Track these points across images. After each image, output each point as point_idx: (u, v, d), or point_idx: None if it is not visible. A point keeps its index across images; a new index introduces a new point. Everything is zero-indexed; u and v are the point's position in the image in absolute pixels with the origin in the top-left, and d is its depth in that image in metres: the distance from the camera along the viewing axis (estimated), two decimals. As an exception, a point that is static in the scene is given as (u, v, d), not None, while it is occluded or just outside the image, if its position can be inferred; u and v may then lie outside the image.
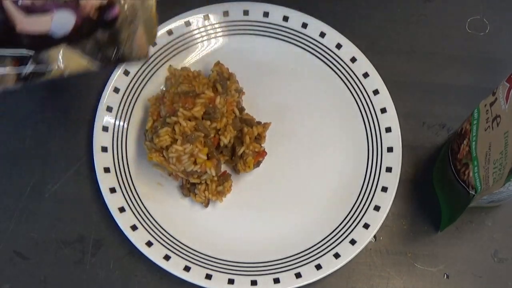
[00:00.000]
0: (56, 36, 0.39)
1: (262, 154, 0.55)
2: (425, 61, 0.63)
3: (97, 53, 0.40)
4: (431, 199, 0.57)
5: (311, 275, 0.52)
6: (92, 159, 0.56)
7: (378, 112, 0.58)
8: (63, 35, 0.39)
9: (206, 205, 0.55)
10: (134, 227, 0.53)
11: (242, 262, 0.53)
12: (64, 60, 0.40)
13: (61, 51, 0.39)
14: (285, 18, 0.62)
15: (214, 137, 0.54)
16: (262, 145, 0.56)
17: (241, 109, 0.57)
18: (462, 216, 0.51)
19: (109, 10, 0.39)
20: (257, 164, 0.56)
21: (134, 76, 0.58)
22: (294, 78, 0.61)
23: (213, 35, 0.62)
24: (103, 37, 0.40)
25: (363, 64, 0.60)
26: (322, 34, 0.61)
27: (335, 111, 0.59)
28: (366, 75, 0.60)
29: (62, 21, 0.38)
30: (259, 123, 0.57)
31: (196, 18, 0.61)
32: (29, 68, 0.39)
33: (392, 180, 0.55)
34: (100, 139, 0.56)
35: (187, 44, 0.61)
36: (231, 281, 0.52)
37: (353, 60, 0.60)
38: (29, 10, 0.38)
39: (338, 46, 0.61)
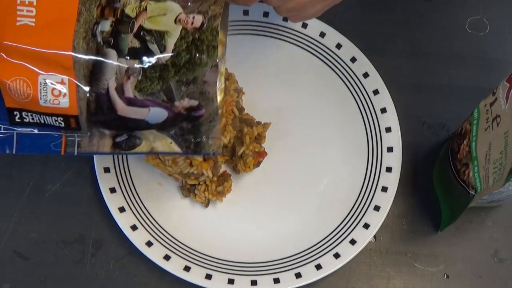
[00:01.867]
0: (149, 123, 0.45)
1: (262, 154, 0.55)
2: (425, 61, 0.63)
3: (180, 137, 0.47)
4: (431, 199, 0.57)
5: (311, 275, 0.52)
6: (92, 159, 0.56)
7: (378, 112, 0.58)
8: (155, 123, 0.45)
9: (206, 205, 0.55)
10: (134, 227, 0.53)
11: (242, 262, 0.53)
12: (153, 138, 0.47)
13: (152, 132, 0.46)
14: (285, 18, 0.62)
15: None
16: (262, 145, 0.56)
17: (241, 109, 0.57)
18: (462, 216, 0.51)
19: (197, 111, 0.46)
20: (257, 164, 0.56)
21: (134, 76, 0.58)
22: (294, 78, 0.61)
23: (213, 35, 0.62)
24: (187, 126, 0.46)
25: (363, 64, 0.60)
26: (322, 34, 0.61)
27: (335, 111, 0.59)
28: (366, 75, 0.60)
29: (156, 115, 0.45)
30: (259, 123, 0.57)
31: (196, 18, 0.61)
32: (123, 137, 0.46)
33: (392, 180, 0.55)
34: (100, 139, 0.56)
35: (187, 44, 0.61)
36: (231, 281, 0.52)
37: (353, 60, 0.60)
38: (130, 102, 0.44)
39: (338, 46, 0.61)
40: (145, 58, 0.45)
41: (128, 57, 0.45)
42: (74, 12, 0.44)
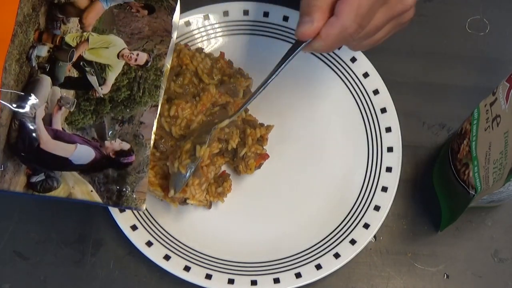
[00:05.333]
0: (73, 164, 0.43)
1: (264, 157, 0.55)
2: (425, 61, 0.63)
3: (103, 186, 0.44)
4: (431, 199, 0.57)
5: (311, 275, 0.52)
6: (92, 159, 0.56)
7: (378, 112, 0.58)
8: (80, 164, 0.43)
9: (209, 207, 0.55)
10: (134, 227, 0.53)
11: (242, 262, 0.53)
12: (73, 183, 0.44)
13: (73, 174, 0.43)
14: (285, 18, 0.62)
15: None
16: (264, 147, 0.56)
17: (245, 110, 0.57)
18: (462, 216, 0.51)
19: (127, 157, 0.44)
20: (259, 166, 0.56)
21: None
22: (294, 78, 0.61)
23: (213, 35, 0.62)
24: (113, 174, 0.44)
25: (363, 64, 0.60)
26: (322, 34, 0.61)
27: (335, 111, 0.59)
28: (366, 75, 0.60)
29: (83, 154, 0.43)
30: (261, 125, 0.57)
31: (196, 18, 0.61)
32: (39, 178, 0.43)
33: (392, 180, 0.55)
34: (100, 139, 0.56)
35: (187, 44, 0.61)
36: (231, 281, 0.52)
37: (353, 60, 0.60)
38: (57, 135, 0.42)
39: (338, 46, 0.61)
40: (81, 90, 0.43)
41: (63, 87, 0.43)
42: (9, 33, 0.42)
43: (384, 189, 0.55)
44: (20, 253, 0.55)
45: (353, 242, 0.53)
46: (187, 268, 0.52)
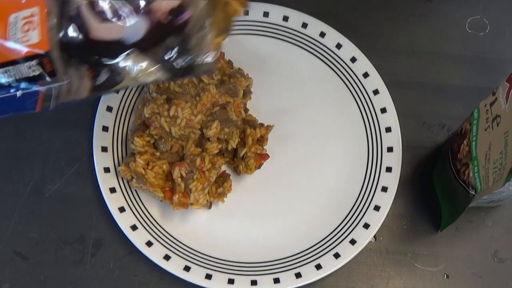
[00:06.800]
0: (128, 42, 0.39)
1: (264, 157, 0.55)
2: (425, 61, 0.63)
3: (167, 61, 0.40)
4: (431, 199, 0.57)
5: (311, 275, 0.52)
6: (92, 159, 0.56)
7: (378, 112, 0.58)
8: (135, 41, 0.39)
9: (209, 207, 0.55)
10: (134, 227, 0.53)
11: (242, 262, 0.53)
12: (135, 69, 0.40)
13: (132, 59, 0.40)
14: (285, 18, 0.62)
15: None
16: (264, 147, 0.56)
17: (245, 110, 0.57)
18: (462, 216, 0.51)
19: (180, 14, 0.39)
20: (259, 166, 0.56)
21: (134, 76, 0.58)
22: (294, 78, 0.61)
23: (213, 35, 0.62)
24: (174, 43, 0.40)
25: (363, 64, 0.60)
26: (322, 34, 0.61)
27: (335, 111, 0.59)
28: (366, 75, 0.60)
29: (135, 27, 0.39)
30: (261, 125, 0.57)
31: (196, 18, 0.61)
32: (103, 77, 0.40)
33: (392, 180, 0.55)
34: (100, 139, 0.56)
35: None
36: (231, 281, 0.52)
37: (353, 60, 0.60)
38: (103, 17, 0.39)
39: (338, 46, 0.61)
40: None
41: None
42: None
43: (384, 189, 0.55)
44: (20, 253, 0.55)
45: (353, 242, 0.53)
46: (187, 268, 0.52)
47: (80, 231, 0.55)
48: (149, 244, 0.53)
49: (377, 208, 0.54)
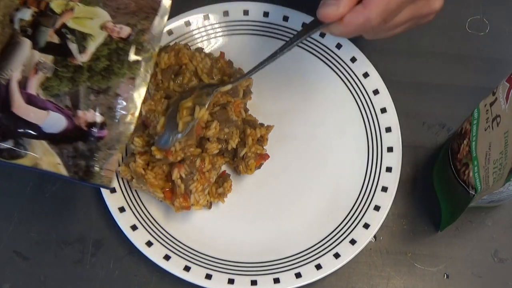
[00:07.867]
0: (44, 131, 0.42)
1: (264, 157, 0.55)
2: (425, 61, 0.63)
3: (72, 159, 0.43)
4: (431, 199, 0.57)
5: (311, 275, 0.52)
6: (92, 159, 0.56)
7: (378, 112, 0.58)
8: (51, 132, 0.42)
9: (209, 207, 0.55)
10: (134, 227, 0.53)
11: (242, 262, 0.53)
12: (42, 154, 0.42)
13: (42, 144, 0.42)
14: (285, 18, 0.62)
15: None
16: (264, 147, 0.56)
17: (245, 110, 0.57)
18: (462, 216, 0.51)
19: (99, 130, 0.43)
20: (259, 166, 0.56)
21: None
22: (294, 78, 0.61)
23: (213, 35, 0.62)
24: (83, 148, 0.43)
25: (363, 64, 0.60)
26: (322, 34, 0.61)
27: (335, 111, 0.59)
28: (366, 75, 0.60)
29: (54, 122, 0.42)
30: (261, 125, 0.57)
31: (196, 18, 0.61)
32: (7, 144, 0.42)
33: (392, 180, 0.55)
34: (100, 139, 0.56)
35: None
36: (231, 281, 0.52)
37: (353, 60, 0.60)
38: (30, 100, 0.41)
39: (338, 46, 0.61)
40: (60, 56, 0.42)
41: (43, 51, 0.42)
42: None
43: (384, 189, 0.55)
44: (20, 253, 0.55)
45: (353, 242, 0.53)
46: (187, 268, 0.52)
47: (80, 231, 0.55)
48: (149, 244, 0.53)
49: (377, 208, 0.54)
